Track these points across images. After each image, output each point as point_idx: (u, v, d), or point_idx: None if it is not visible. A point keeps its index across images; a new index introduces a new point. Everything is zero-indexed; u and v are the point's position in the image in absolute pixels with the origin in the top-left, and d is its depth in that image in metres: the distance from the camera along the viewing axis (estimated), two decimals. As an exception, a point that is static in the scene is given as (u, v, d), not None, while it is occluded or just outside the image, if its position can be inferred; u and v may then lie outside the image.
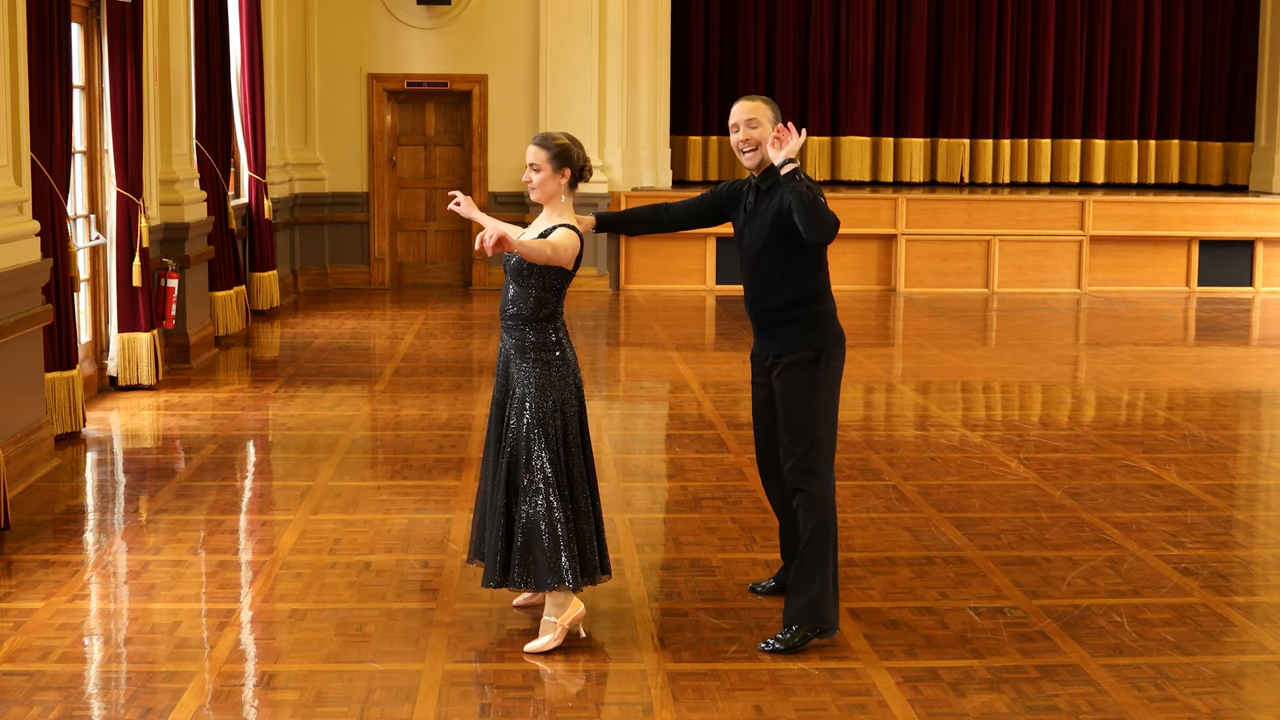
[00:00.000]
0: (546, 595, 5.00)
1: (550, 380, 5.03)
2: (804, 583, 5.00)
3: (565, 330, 5.13)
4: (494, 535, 5.05)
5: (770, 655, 4.92)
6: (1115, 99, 18.00)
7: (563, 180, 5.04)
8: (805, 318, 5.08)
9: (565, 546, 4.97)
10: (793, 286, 5.06)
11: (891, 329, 13.38)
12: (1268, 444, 8.79)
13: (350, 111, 15.83)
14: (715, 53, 17.51)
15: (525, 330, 5.05)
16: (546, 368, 5.03)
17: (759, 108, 5.07)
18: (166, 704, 4.49)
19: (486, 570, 5.10)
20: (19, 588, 5.59)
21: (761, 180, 5.12)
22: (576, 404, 5.10)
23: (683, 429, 8.74)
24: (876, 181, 17.72)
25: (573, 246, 4.96)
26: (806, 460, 5.02)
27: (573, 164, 5.03)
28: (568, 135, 5.10)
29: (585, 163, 5.08)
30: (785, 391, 5.08)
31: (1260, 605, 5.60)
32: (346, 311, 14.01)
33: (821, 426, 5.05)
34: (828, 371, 5.08)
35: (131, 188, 9.36)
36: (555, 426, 5.01)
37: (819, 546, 5.01)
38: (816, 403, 5.05)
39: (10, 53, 7.33)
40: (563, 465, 5.03)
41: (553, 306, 5.06)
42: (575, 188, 5.10)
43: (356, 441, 8.30)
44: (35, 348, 7.58)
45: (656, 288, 15.65)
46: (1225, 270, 16.14)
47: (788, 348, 5.08)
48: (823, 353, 5.06)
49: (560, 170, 5.02)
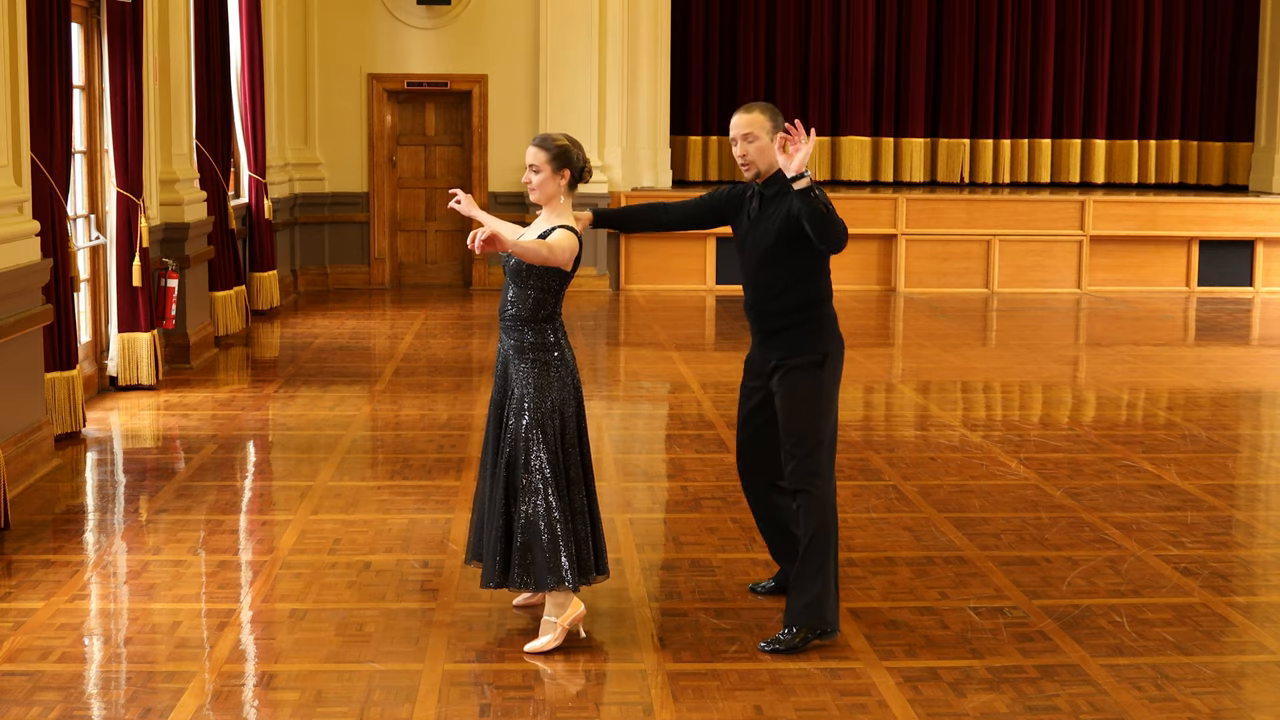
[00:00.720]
0: (546, 595, 5.00)
1: (549, 381, 5.03)
2: (805, 583, 5.00)
3: (564, 331, 5.14)
4: (493, 535, 5.05)
5: (770, 655, 4.92)
6: (1115, 99, 18.00)
7: (562, 181, 5.04)
8: (810, 322, 5.08)
9: (564, 546, 4.97)
10: (798, 291, 5.06)
11: (891, 329, 13.38)
12: (1268, 444, 8.79)
13: (350, 111, 15.83)
14: (715, 53, 17.50)
15: (524, 331, 5.05)
16: (545, 368, 5.03)
17: (756, 120, 5.03)
18: (166, 704, 4.49)
19: (485, 570, 5.10)
20: (19, 588, 5.59)
21: (765, 187, 5.11)
22: (574, 405, 5.11)
23: (683, 429, 8.74)
24: (876, 181, 17.72)
25: (570, 248, 4.95)
26: (810, 462, 5.02)
27: (572, 165, 5.03)
28: (567, 136, 5.10)
29: (585, 164, 5.08)
30: (789, 394, 5.07)
31: (1260, 605, 5.60)
32: (346, 311, 14.01)
33: (825, 429, 5.06)
34: (831, 375, 5.09)
35: (131, 188, 9.36)
36: (554, 427, 5.02)
37: (820, 548, 5.01)
38: (822, 405, 5.05)
39: (10, 53, 7.33)
40: (560, 465, 5.04)
41: (551, 307, 5.06)
42: (575, 189, 5.11)
43: (356, 441, 8.30)
44: (35, 348, 7.58)
45: (656, 288, 15.65)
46: (1225, 270, 16.14)
47: (792, 351, 5.07)
48: (828, 356, 5.07)
49: (559, 171, 5.02)
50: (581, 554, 5.08)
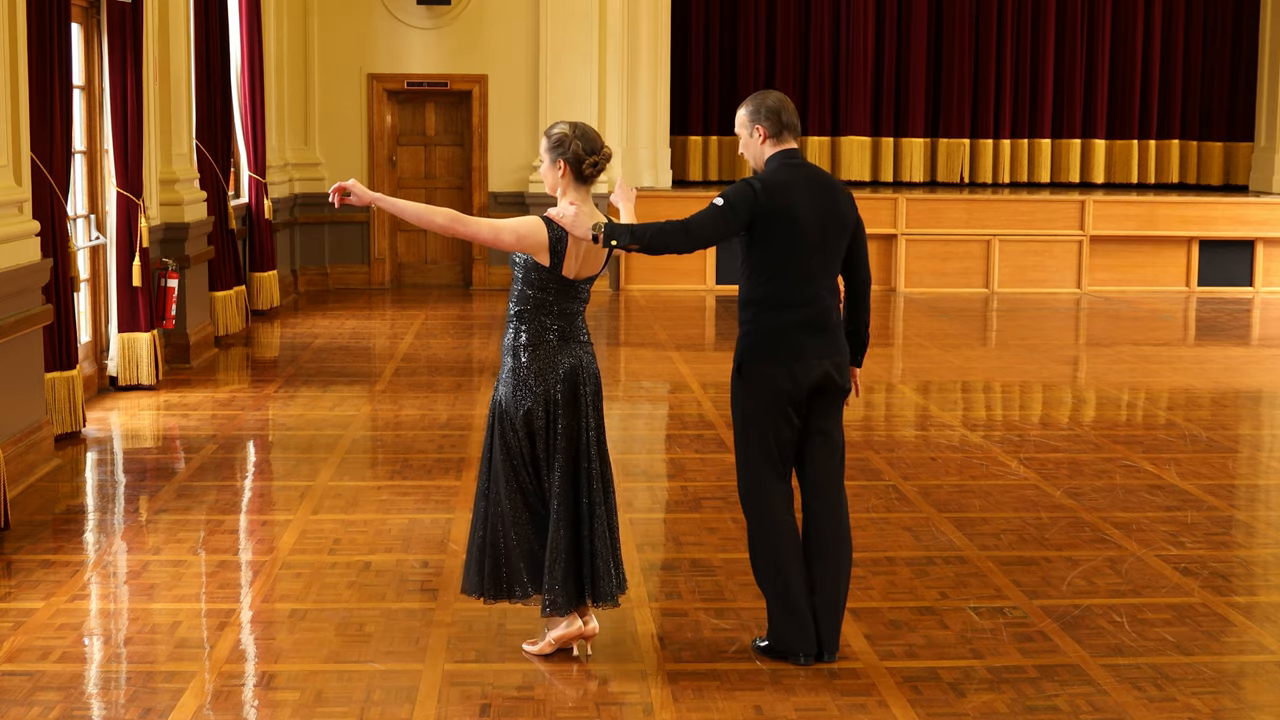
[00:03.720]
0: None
1: (512, 383, 4.78)
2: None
3: (551, 334, 4.78)
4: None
5: (735, 647, 4.93)
6: (1115, 99, 18.00)
7: (558, 172, 4.75)
8: (741, 325, 4.89)
9: (474, 558, 4.86)
10: (742, 289, 4.91)
11: (891, 329, 13.38)
12: (1268, 444, 8.79)
13: (350, 111, 15.82)
14: (715, 53, 17.50)
15: (507, 326, 4.84)
16: (512, 372, 4.79)
17: (738, 118, 4.94)
18: (166, 704, 4.49)
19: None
20: (19, 588, 5.59)
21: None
22: (545, 415, 4.76)
23: (683, 429, 8.74)
24: (876, 181, 17.72)
25: (514, 229, 4.65)
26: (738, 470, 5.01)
27: (566, 156, 4.72)
28: (572, 125, 4.79)
29: (587, 156, 4.74)
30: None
31: (1260, 605, 5.60)
32: (346, 311, 14.01)
33: (744, 441, 4.91)
34: (745, 389, 4.86)
35: (131, 188, 9.36)
36: (508, 432, 4.78)
37: (754, 564, 4.97)
38: (736, 414, 4.90)
39: (10, 53, 7.32)
40: (499, 473, 4.79)
41: (530, 304, 4.76)
42: (582, 180, 4.76)
43: (356, 441, 8.30)
44: (35, 348, 7.58)
45: (656, 288, 15.65)
46: (1225, 270, 16.13)
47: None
48: (743, 366, 4.86)
49: (555, 162, 4.74)
50: (507, 568, 4.81)
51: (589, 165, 4.75)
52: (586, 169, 4.75)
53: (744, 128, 4.92)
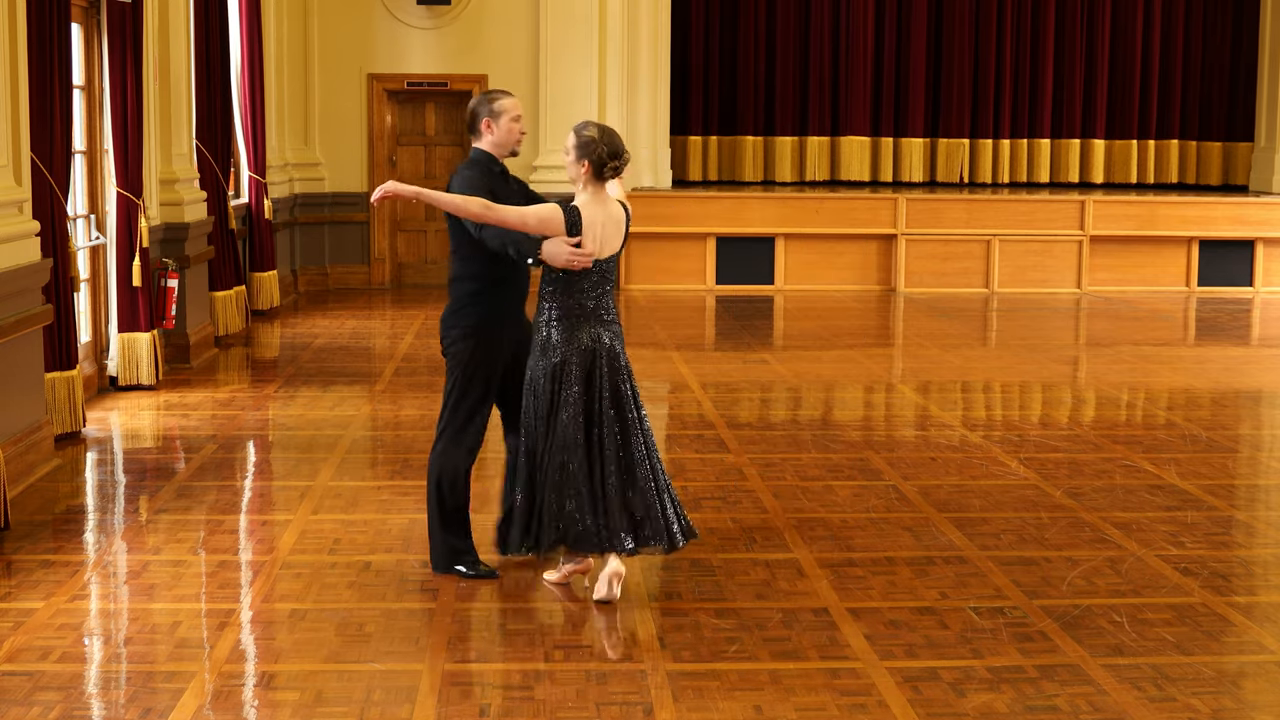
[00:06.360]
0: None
1: (538, 353, 5.44)
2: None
3: (572, 315, 5.39)
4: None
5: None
6: (1115, 99, 18.00)
7: (581, 169, 5.38)
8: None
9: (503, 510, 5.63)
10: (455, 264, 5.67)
11: (891, 329, 13.38)
12: (1268, 444, 8.79)
13: (350, 111, 15.83)
14: (715, 53, 17.51)
15: (539, 305, 5.47)
16: (540, 345, 5.45)
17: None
18: (166, 704, 4.49)
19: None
20: (19, 588, 5.59)
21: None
22: (550, 385, 5.39)
23: (683, 429, 8.73)
24: (876, 181, 17.72)
25: (535, 214, 5.29)
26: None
27: (591, 158, 5.35)
28: (602, 129, 5.40)
29: (609, 160, 5.35)
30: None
31: (1260, 605, 5.61)
32: (346, 311, 14.01)
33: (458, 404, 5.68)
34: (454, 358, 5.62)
35: (131, 188, 9.36)
36: (529, 395, 5.46)
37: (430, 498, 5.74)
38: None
39: (10, 53, 7.33)
40: (531, 428, 5.46)
41: (553, 284, 5.39)
42: (602, 179, 5.40)
43: (356, 441, 8.30)
44: (35, 348, 7.58)
45: (656, 288, 15.65)
46: (1225, 270, 16.13)
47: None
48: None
49: (580, 160, 5.38)
50: (522, 521, 5.48)
51: (609, 169, 5.39)
52: (607, 172, 5.40)
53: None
